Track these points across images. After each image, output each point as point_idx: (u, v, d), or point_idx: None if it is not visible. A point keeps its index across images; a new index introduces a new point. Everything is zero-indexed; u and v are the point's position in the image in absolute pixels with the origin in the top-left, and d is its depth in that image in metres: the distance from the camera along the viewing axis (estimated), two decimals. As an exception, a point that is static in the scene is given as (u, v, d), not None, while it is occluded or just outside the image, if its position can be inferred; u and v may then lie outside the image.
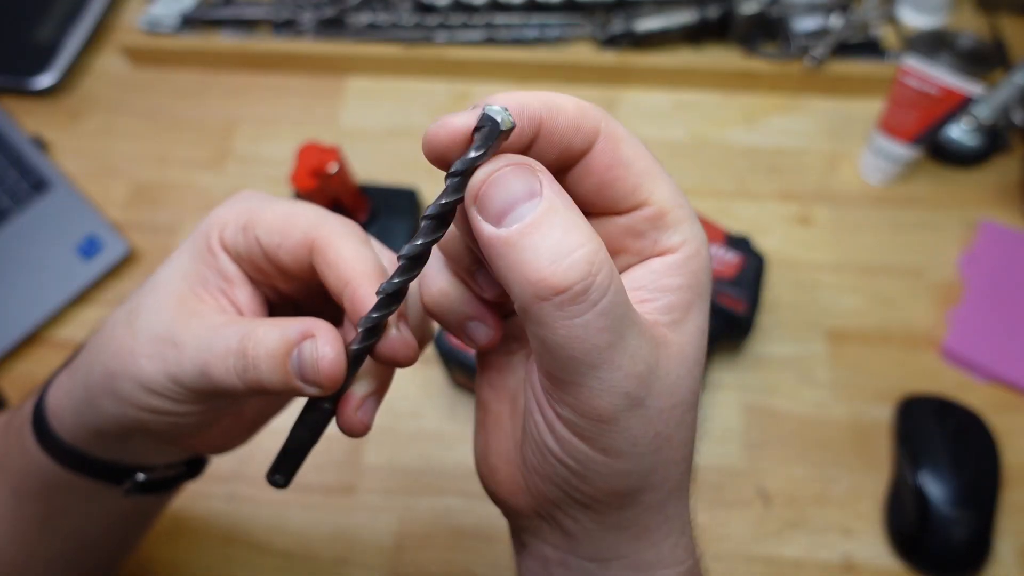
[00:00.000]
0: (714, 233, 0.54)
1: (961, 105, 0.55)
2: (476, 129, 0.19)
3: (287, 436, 0.26)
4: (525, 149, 0.20)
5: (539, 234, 0.18)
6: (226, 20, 0.73)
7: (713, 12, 0.67)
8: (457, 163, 0.19)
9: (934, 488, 0.47)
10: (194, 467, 0.35)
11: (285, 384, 0.24)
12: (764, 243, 0.58)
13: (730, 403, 0.54)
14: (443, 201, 0.20)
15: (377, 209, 0.60)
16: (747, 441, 0.52)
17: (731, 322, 0.52)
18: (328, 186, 0.53)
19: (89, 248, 0.61)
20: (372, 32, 0.71)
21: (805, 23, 0.68)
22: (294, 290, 0.29)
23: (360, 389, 0.26)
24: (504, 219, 0.19)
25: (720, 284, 0.51)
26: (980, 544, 0.47)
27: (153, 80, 0.73)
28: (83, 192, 0.66)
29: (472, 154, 0.19)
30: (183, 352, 0.25)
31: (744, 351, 0.55)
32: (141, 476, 0.31)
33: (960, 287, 0.58)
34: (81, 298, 0.60)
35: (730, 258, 0.53)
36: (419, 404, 0.54)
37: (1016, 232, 0.60)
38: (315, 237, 0.26)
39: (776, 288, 0.58)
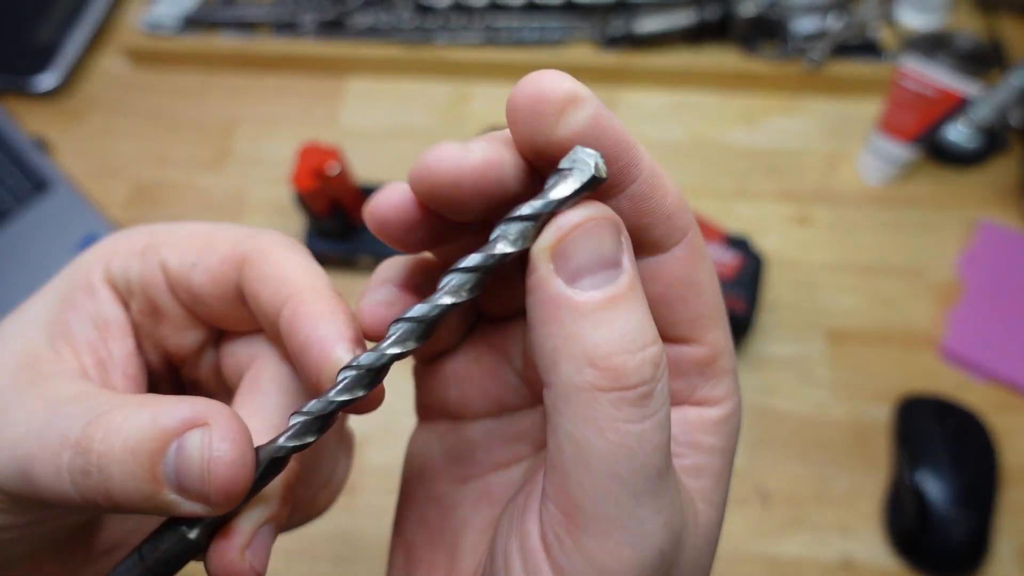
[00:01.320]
0: (713, 233, 0.54)
1: (959, 106, 0.56)
2: (558, 170, 0.15)
3: None
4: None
5: (617, 312, 0.15)
6: (227, 21, 0.73)
7: (712, 13, 0.68)
8: (527, 206, 0.15)
9: (933, 487, 0.47)
10: None
11: (150, 498, 0.16)
12: (763, 243, 0.58)
13: (729, 403, 0.54)
14: (497, 251, 0.15)
15: (377, 209, 0.60)
16: (747, 440, 0.52)
17: (730, 322, 0.52)
18: (329, 187, 0.54)
19: (90, 248, 0.62)
20: (372, 33, 0.71)
21: (804, 24, 0.68)
22: (189, 348, 0.22)
23: (250, 518, 0.18)
24: (579, 280, 0.15)
25: (719, 285, 0.52)
26: (979, 543, 0.47)
27: (154, 81, 0.73)
28: (84, 192, 0.66)
29: (554, 196, 0.15)
30: (3, 434, 0.17)
31: (743, 351, 0.56)
32: None
33: (959, 287, 0.58)
34: (82, 298, 0.61)
35: (729, 258, 0.53)
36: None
37: (1014, 232, 0.60)
38: (248, 250, 0.20)
39: (775, 288, 0.58)
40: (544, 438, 0.20)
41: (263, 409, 0.20)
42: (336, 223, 0.57)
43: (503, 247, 0.15)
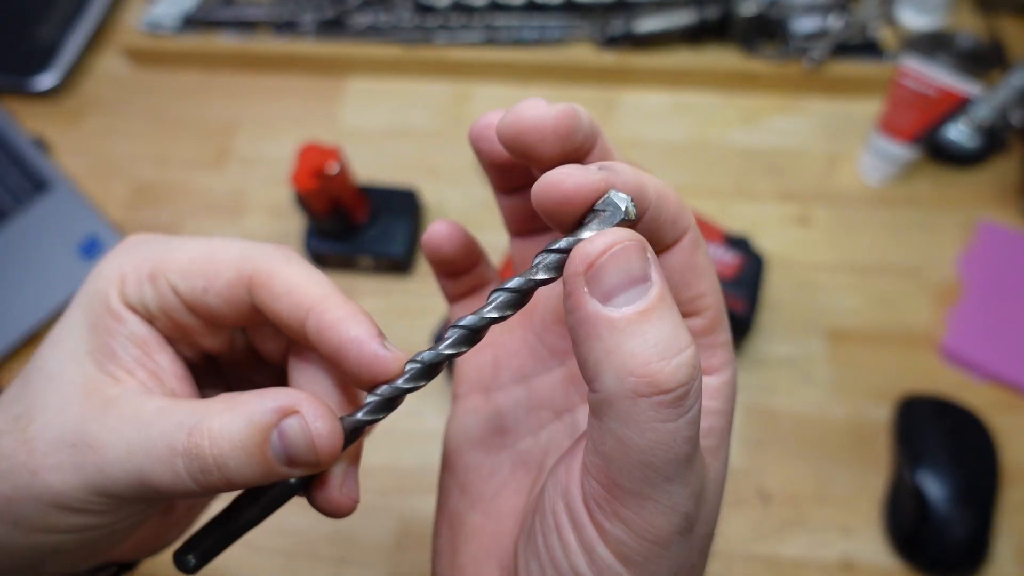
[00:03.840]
0: (713, 233, 0.54)
1: (959, 106, 0.56)
2: (592, 210, 0.18)
3: (223, 510, 0.22)
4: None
5: (650, 323, 0.17)
6: (227, 21, 0.73)
7: (712, 13, 0.68)
8: (563, 241, 0.18)
9: (933, 487, 0.47)
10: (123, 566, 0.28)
11: (265, 475, 0.20)
12: (763, 243, 0.58)
13: (729, 403, 0.54)
14: (536, 277, 0.19)
15: (377, 210, 0.60)
16: (746, 440, 0.52)
17: (730, 322, 0.52)
18: (328, 187, 0.54)
19: (90, 248, 0.62)
20: (372, 33, 0.71)
21: (804, 24, 0.68)
22: (218, 344, 0.25)
23: (339, 466, 0.22)
24: (613, 298, 0.17)
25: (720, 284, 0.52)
26: (978, 543, 0.47)
27: (154, 81, 0.73)
28: (84, 192, 0.66)
29: (585, 235, 0.18)
30: (105, 456, 0.20)
31: (743, 351, 0.56)
32: None
33: (959, 287, 0.58)
34: (82, 298, 0.61)
35: (729, 258, 0.53)
36: (418, 403, 0.55)
37: (1014, 232, 0.60)
38: (252, 270, 0.22)
39: (775, 288, 0.58)
40: (562, 405, 0.25)
41: (316, 382, 0.23)
42: (336, 223, 0.57)
43: (542, 275, 0.19)
